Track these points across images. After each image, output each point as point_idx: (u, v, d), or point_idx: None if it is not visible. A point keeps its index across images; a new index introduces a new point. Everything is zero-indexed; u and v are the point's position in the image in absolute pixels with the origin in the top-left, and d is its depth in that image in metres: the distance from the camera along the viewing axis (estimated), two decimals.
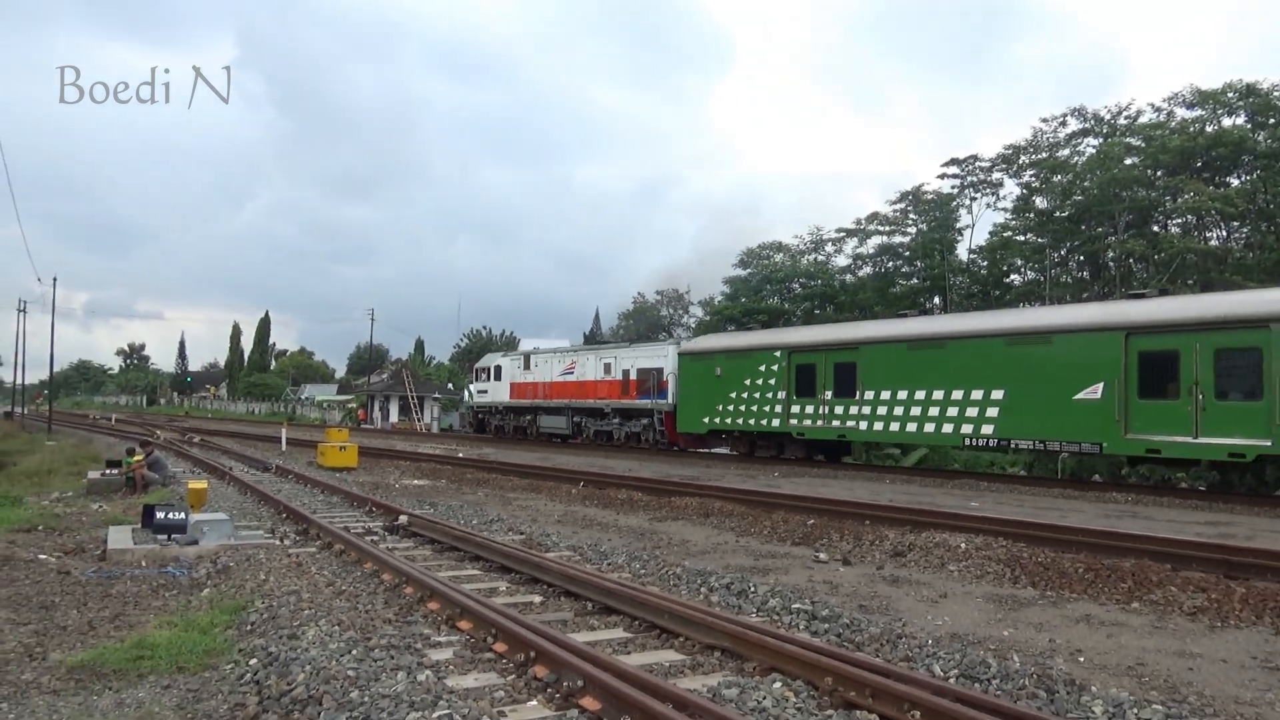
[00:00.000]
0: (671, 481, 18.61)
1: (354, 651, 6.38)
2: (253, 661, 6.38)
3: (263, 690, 5.77)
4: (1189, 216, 40.87)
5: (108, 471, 19.43)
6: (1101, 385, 18.85)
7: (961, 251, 50.67)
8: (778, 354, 26.70)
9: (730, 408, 27.96)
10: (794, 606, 8.05)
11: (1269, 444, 16.41)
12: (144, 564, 10.16)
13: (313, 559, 10.56)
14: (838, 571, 10.37)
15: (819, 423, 25.24)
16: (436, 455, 28.39)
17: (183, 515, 11.37)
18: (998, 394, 20.88)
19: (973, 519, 12.57)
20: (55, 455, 29.57)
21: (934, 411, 22.19)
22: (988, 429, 21.07)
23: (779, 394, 26.41)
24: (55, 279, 54.11)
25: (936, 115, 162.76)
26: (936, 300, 49.93)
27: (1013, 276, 48.68)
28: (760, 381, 27.03)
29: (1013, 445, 21.17)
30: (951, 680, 5.86)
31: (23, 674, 6.23)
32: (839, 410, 24.60)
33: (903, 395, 22.84)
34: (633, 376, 32.99)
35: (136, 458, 18.88)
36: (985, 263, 48.94)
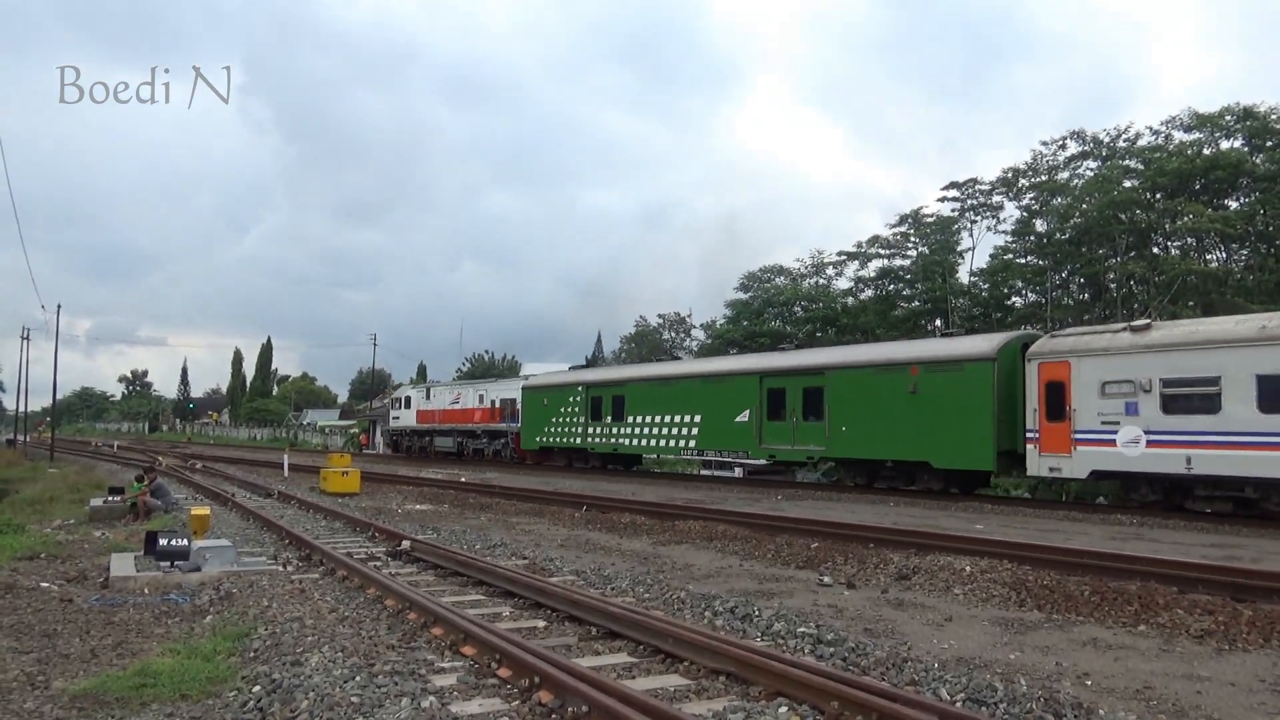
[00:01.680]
0: (675, 505, 18.56)
1: (357, 678, 6.36)
2: (256, 689, 6.36)
3: (266, 717, 5.75)
4: (1189, 238, 40.99)
5: (110, 498, 19.43)
6: (749, 411, 27.23)
7: (963, 274, 50.78)
8: (579, 389, 35.00)
9: (552, 429, 36.24)
10: (799, 630, 8.02)
11: (824, 449, 25.04)
12: (147, 591, 10.14)
13: (316, 585, 10.53)
14: (842, 595, 10.33)
15: (603, 440, 33.59)
16: (439, 480, 28.34)
17: (185, 542, 11.36)
18: (698, 418, 29.30)
19: (978, 541, 12.53)
20: (57, 483, 29.55)
21: (666, 430, 30.57)
22: (692, 443, 29.64)
23: (580, 419, 34.73)
24: (59, 306, 54.43)
25: (941, 138, 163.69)
26: (938, 322, 49.93)
27: (1014, 299, 48.72)
28: (569, 410, 35.34)
29: (704, 454, 30.42)
30: (958, 704, 5.83)
31: (25, 703, 6.20)
32: (615, 430, 32.95)
33: (648, 419, 31.37)
34: (497, 405, 41.31)
35: (144, 484, 18.87)
36: (986, 285, 49.01)
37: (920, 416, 22.24)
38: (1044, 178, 45.64)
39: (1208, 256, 42.09)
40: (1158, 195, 41.15)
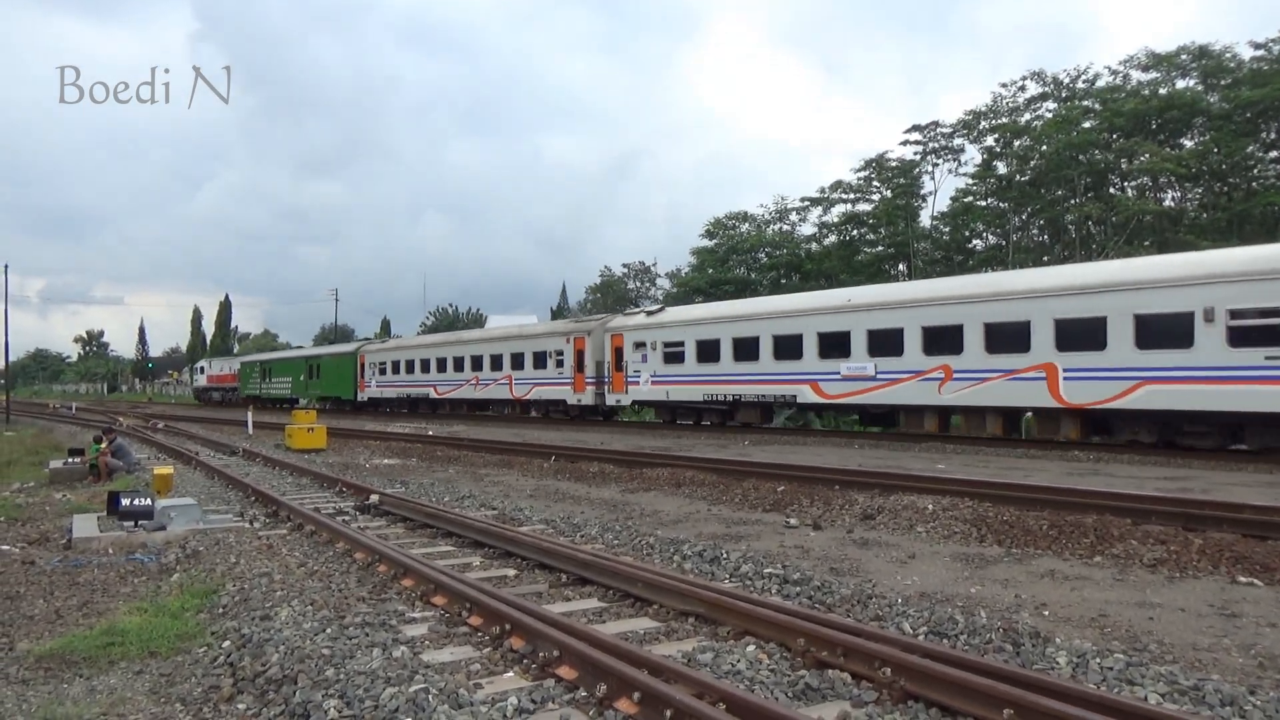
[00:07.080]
0: (644, 453, 18.68)
1: (328, 630, 6.37)
2: (226, 644, 6.34)
3: (237, 671, 5.75)
4: (1144, 178, 41.45)
5: (70, 460, 19.11)
6: (303, 375, 55.82)
7: (925, 218, 50.99)
8: (258, 364, 65.06)
9: (251, 385, 63.98)
10: (766, 571, 8.15)
11: (322, 393, 53.86)
12: (111, 551, 10.04)
13: (283, 541, 10.50)
14: (808, 536, 10.50)
15: (264, 391, 61.15)
16: (406, 434, 28.24)
17: (149, 501, 11.23)
18: (290, 379, 57.42)
19: (940, 481, 12.77)
20: (15, 446, 28.97)
21: (285, 386, 57.97)
22: (290, 390, 57.66)
23: (258, 380, 62.74)
24: (6, 266, 52.47)
25: (909, 79, 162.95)
26: (902, 267, 50.22)
27: (975, 242, 49.08)
28: (256, 375, 63.78)
29: (296, 398, 57.49)
30: (921, 637, 5.97)
31: None
32: (270, 386, 60.79)
33: (280, 380, 59.28)
34: (234, 370, 71.16)
35: (103, 445, 18.56)
36: (948, 229, 49.29)
37: (340, 378, 50.75)
38: (1005, 120, 45.73)
39: (1162, 196, 42.63)
40: (1115, 135, 41.46)
